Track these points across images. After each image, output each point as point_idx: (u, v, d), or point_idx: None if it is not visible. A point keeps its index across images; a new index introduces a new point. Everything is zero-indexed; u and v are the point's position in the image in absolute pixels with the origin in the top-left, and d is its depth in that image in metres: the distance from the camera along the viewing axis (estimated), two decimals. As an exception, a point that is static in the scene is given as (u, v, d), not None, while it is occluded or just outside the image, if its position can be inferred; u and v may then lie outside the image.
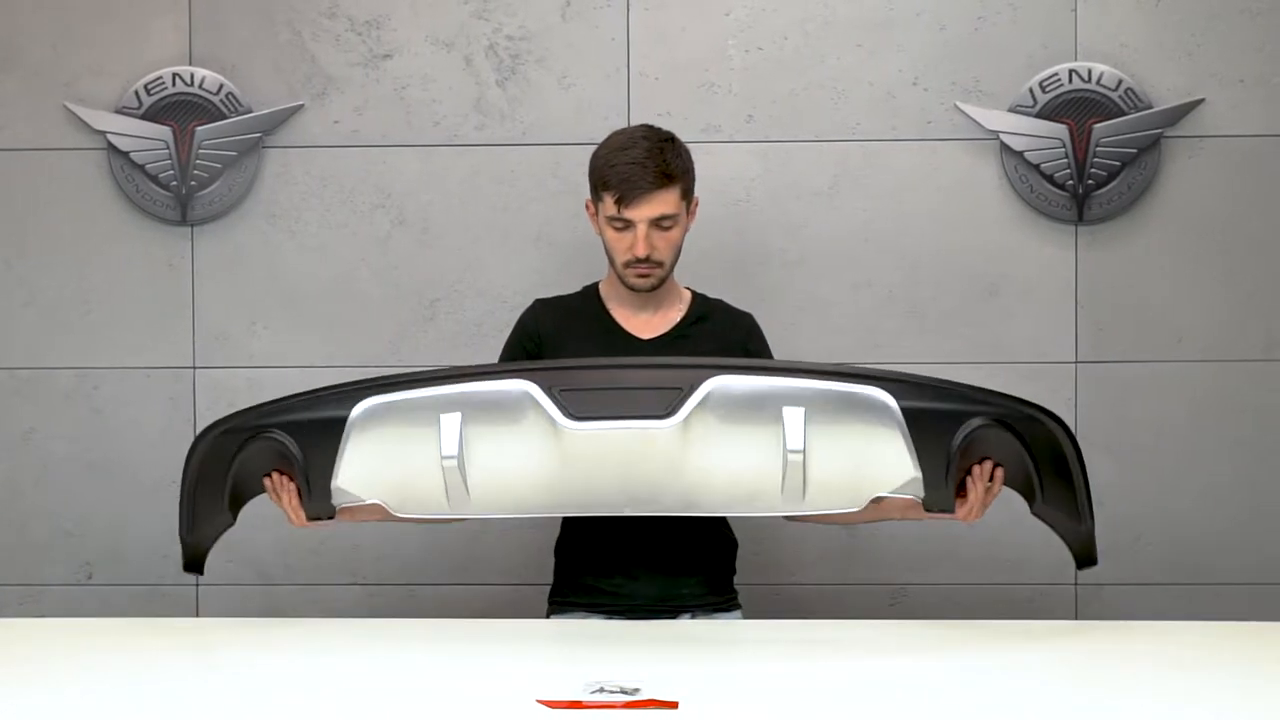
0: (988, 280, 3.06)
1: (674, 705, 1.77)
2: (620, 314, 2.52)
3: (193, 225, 3.10)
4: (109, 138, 3.08)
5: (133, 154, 3.08)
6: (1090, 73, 3.02)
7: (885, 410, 2.12)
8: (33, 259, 3.12)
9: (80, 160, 3.11)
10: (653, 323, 2.52)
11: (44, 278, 3.12)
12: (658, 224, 2.41)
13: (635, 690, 1.83)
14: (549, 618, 2.55)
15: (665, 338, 2.51)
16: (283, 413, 2.24)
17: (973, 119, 3.04)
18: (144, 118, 3.08)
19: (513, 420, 2.13)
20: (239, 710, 1.84)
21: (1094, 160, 3.02)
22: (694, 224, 2.53)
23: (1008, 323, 3.06)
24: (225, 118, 3.08)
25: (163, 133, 3.08)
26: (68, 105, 3.09)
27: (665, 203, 2.40)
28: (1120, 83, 3.02)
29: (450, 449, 2.13)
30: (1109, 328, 3.05)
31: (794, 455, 2.10)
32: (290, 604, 3.07)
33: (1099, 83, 3.02)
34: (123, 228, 3.11)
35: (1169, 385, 3.05)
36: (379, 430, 2.17)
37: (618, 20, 3.07)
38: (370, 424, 2.17)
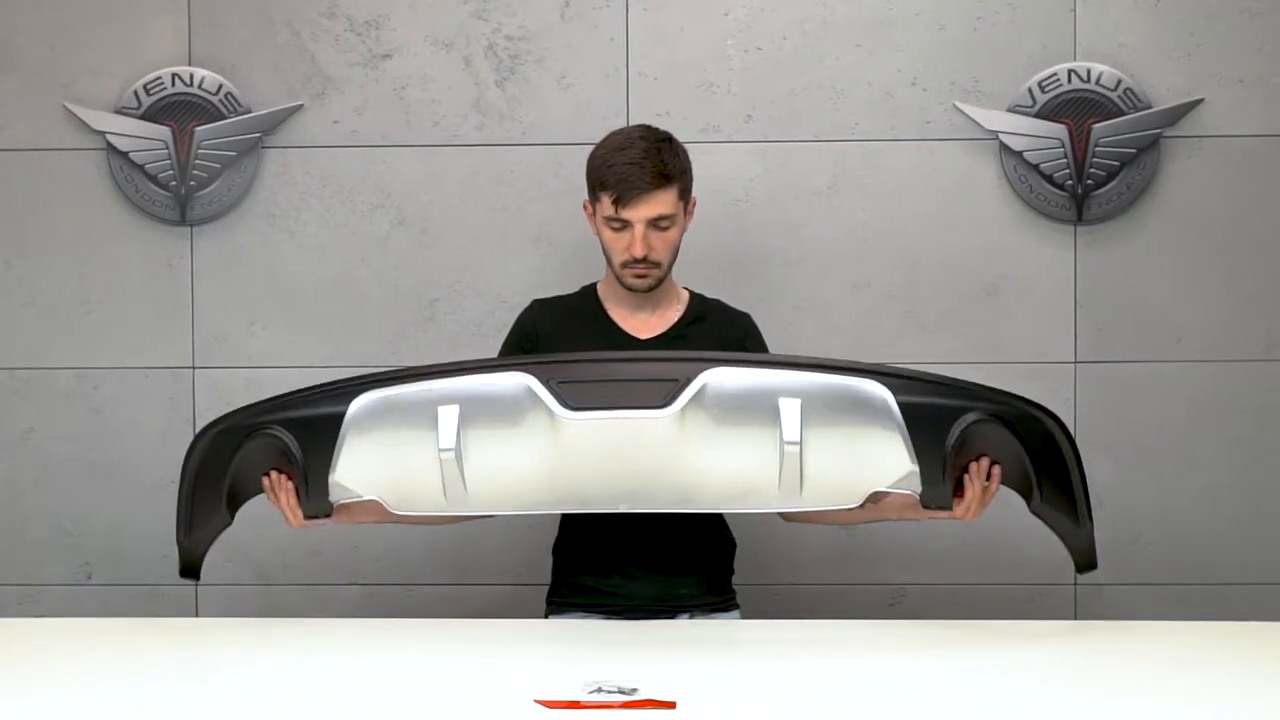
0: (987, 280, 3.06)
1: (672, 705, 1.77)
2: (618, 314, 2.52)
3: (192, 225, 3.10)
4: (108, 138, 3.08)
5: (132, 154, 3.08)
6: (1089, 73, 3.02)
7: (882, 403, 2.12)
8: (32, 259, 3.12)
9: (79, 160, 3.11)
10: (650, 323, 2.52)
11: (43, 278, 3.12)
12: (655, 224, 2.40)
13: (633, 690, 1.83)
14: (547, 618, 2.55)
15: (663, 338, 2.50)
16: (281, 410, 2.24)
17: (972, 119, 3.04)
18: (143, 118, 3.08)
19: (510, 411, 2.14)
20: (238, 710, 1.84)
21: (1093, 160, 3.02)
22: (693, 224, 2.53)
23: (1007, 323, 3.06)
24: (224, 118, 3.08)
25: (162, 133, 3.08)
26: (67, 105, 3.09)
27: (663, 203, 2.39)
28: (1119, 83, 3.01)
29: (448, 441, 2.13)
30: (1108, 328, 3.05)
31: (790, 447, 2.10)
32: (289, 604, 3.07)
33: (1098, 83, 3.02)
34: (122, 228, 3.11)
35: (1168, 385, 3.05)
36: (377, 424, 2.17)
37: (617, 20, 3.07)
38: (368, 418, 2.17)
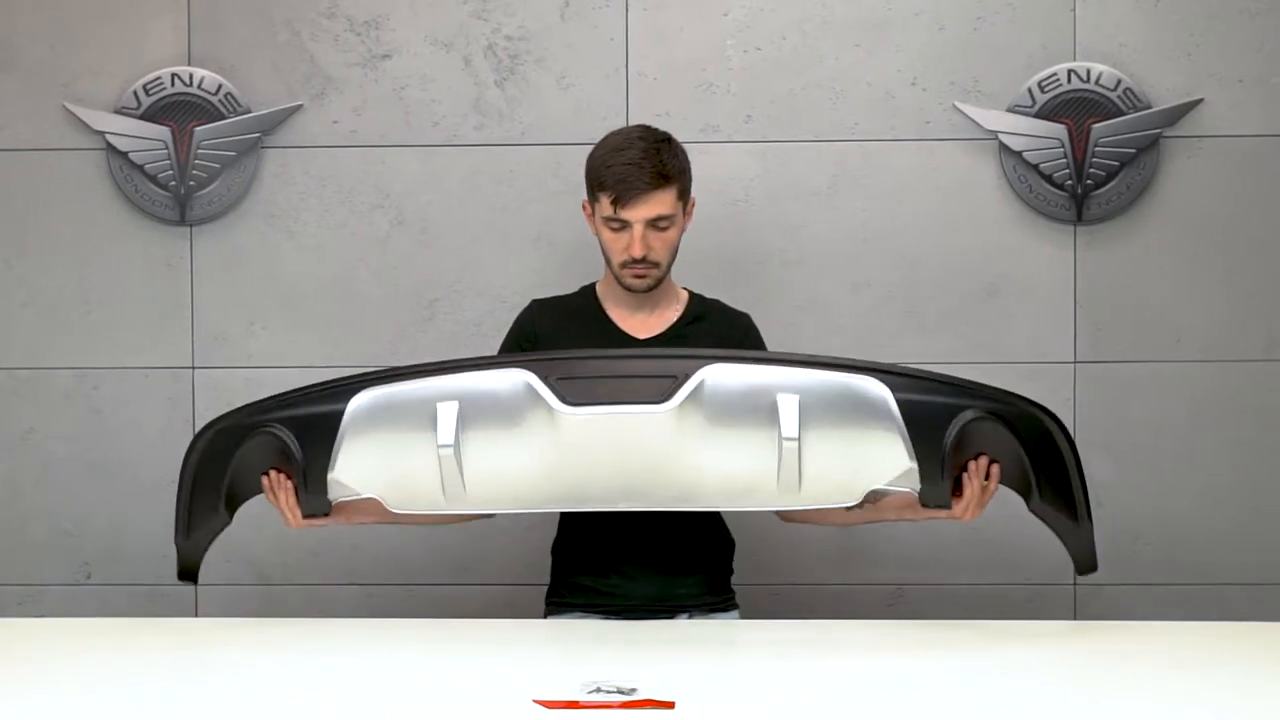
0: (986, 280, 3.06)
1: (670, 705, 1.77)
2: (617, 314, 2.52)
3: (191, 225, 3.10)
4: (108, 138, 3.08)
5: (131, 154, 3.08)
6: (1089, 73, 3.02)
7: (880, 400, 2.12)
8: (32, 259, 3.12)
9: (79, 160, 3.11)
10: (649, 323, 2.51)
11: (43, 278, 3.12)
12: (654, 224, 2.40)
13: (632, 690, 1.83)
14: (546, 618, 2.55)
15: (662, 337, 2.50)
16: (280, 408, 2.24)
17: (971, 119, 3.04)
18: (143, 118, 3.08)
19: (509, 407, 2.14)
20: (238, 710, 1.84)
21: (1093, 160, 3.02)
22: (692, 224, 2.53)
23: (1006, 323, 3.06)
24: (224, 118, 3.08)
25: (161, 133, 3.08)
26: (67, 105, 3.09)
27: (661, 203, 2.39)
28: (1119, 83, 3.01)
29: (447, 437, 2.13)
30: (1108, 328, 3.05)
31: (789, 443, 2.10)
32: (289, 604, 3.07)
33: (1098, 83, 3.01)
34: (122, 228, 3.11)
35: (1168, 385, 3.05)
36: (376, 421, 2.18)
37: (616, 20, 3.07)
38: (367, 415, 2.18)
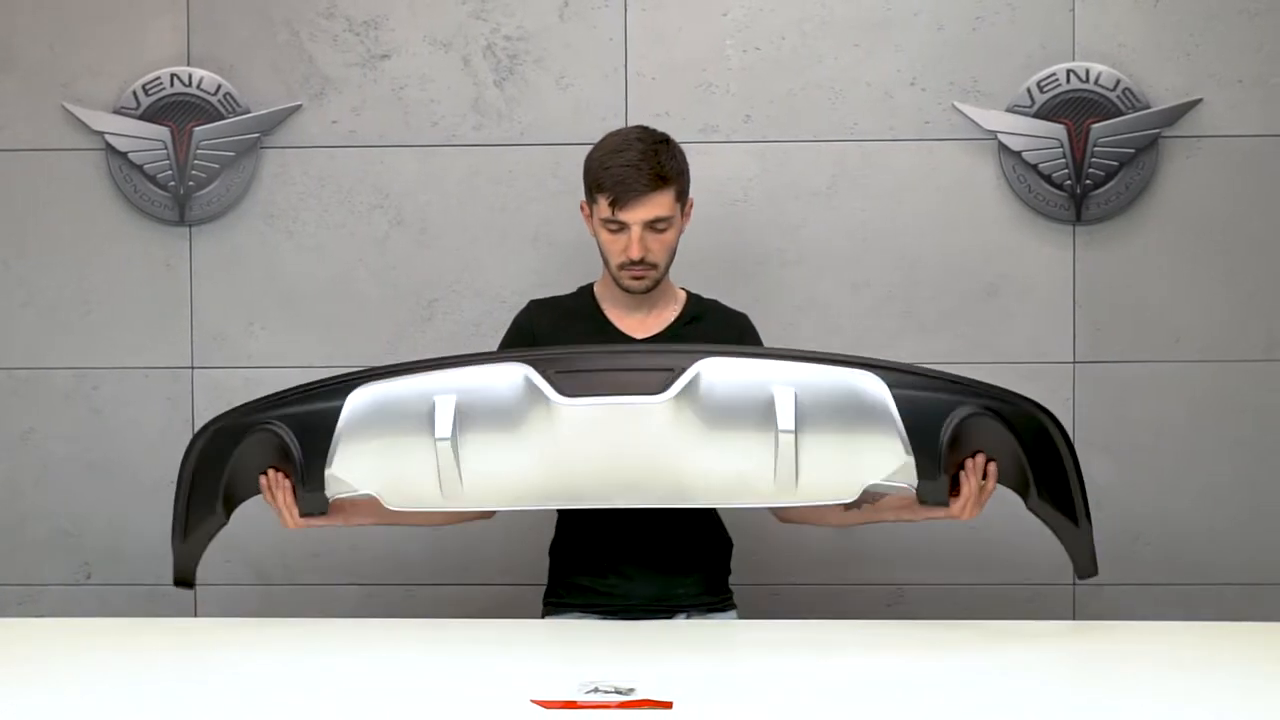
0: (986, 280, 3.06)
1: (668, 705, 1.77)
2: (615, 314, 2.52)
3: (191, 225, 3.10)
4: (107, 138, 3.08)
5: (131, 154, 3.08)
6: (1088, 73, 3.02)
7: (876, 395, 2.13)
8: (31, 259, 3.12)
9: (78, 161, 3.11)
10: (647, 323, 2.51)
11: (43, 278, 3.12)
12: (652, 226, 2.40)
13: (630, 690, 1.83)
14: (544, 619, 2.55)
15: (659, 337, 2.50)
16: (278, 405, 2.25)
17: (971, 119, 3.04)
18: (142, 118, 3.08)
19: (507, 400, 2.15)
20: (238, 710, 1.84)
21: (1092, 160, 3.02)
22: (691, 224, 2.53)
23: (1006, 323, 3.05)
24: (223, 118, 3.08)
25: (161, 133, 3.08)
26: (66, 106, 3.09)
27: (659, 205, 2.39)
28: (1118, 83, 3.01)
29: (444, 430, 2.14)
30: (1107, 328, 3.05)
31: (785, 436, 2.11)
32: (288, 604, 3.07)
33: (1097, 83, 3.01)
34: (121, 228, 3.11)
35: (1167, 385, 3.05)
36: (373, 417, 2.19)
37: (615, 20, 3.07)
38: (365, 411, 2.19)
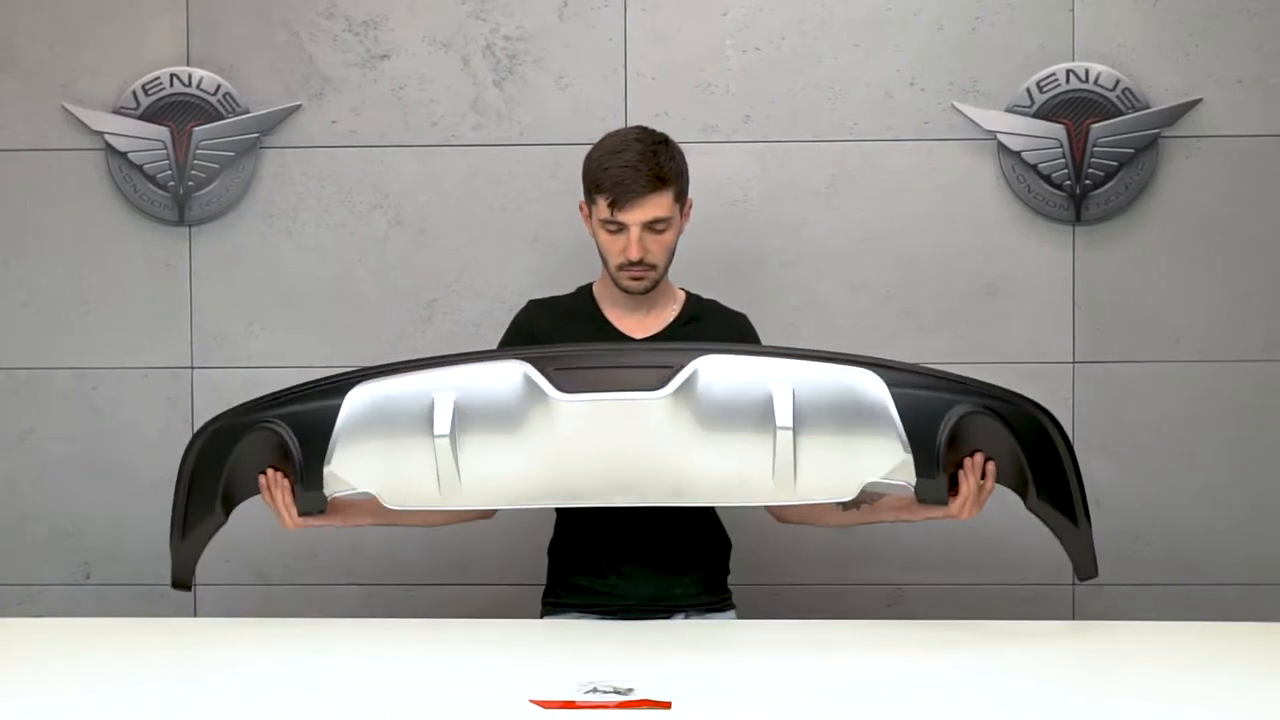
0: (985, 280, 3.06)
1: (667, 705, 1.77)
2: (614, 314, 2.52)
3: (190, 225, 3.10)
4: (107, 138, 3.08)
5: (130, 154, 3.08)
6: (1088, 73, 3.02)
7: (875, 391, 2.14)
8: (31, 259, 3.12)
9: (78, 161, 3.11)
10: (646, 323, 2.51)
11: (42, 278, 3.12)
12: (650, 227, 2.40)
13: (629, 690, 1.83)
14: (543, 619, 2.55)
15: (659, 338, 2.49)
16: (277, 403, 2.26)
17: (970, 119, 3.04)
18: (142, 118, 3.08)
19: (505, 396, 2.16)
20: (237, 710, 1.84)
21: (1091, 160, 3.02)
22: (691, 224, 2.53)
23: (1005, 323, 3.05)
24: (223, 118, 3.08)
25: (160, 133, 3.08)
26: (65, 106, 3.09)
27: (658, 206, 2.39)
28: (1118, 83, 3.01)
29: (443, 427, 2.15)
30: (1106, 328, 3.05)
31: (783, 432, 2.11)
32: (288, 604, 3.07)
33: (1096, 83, 3.01)
34: (120, 228, 3.11)
35: (1167, 385, 3.05)
36: (372, 413, 2.20)
37: (615, 20, 3.07)
38: (363, 408, 2.20)
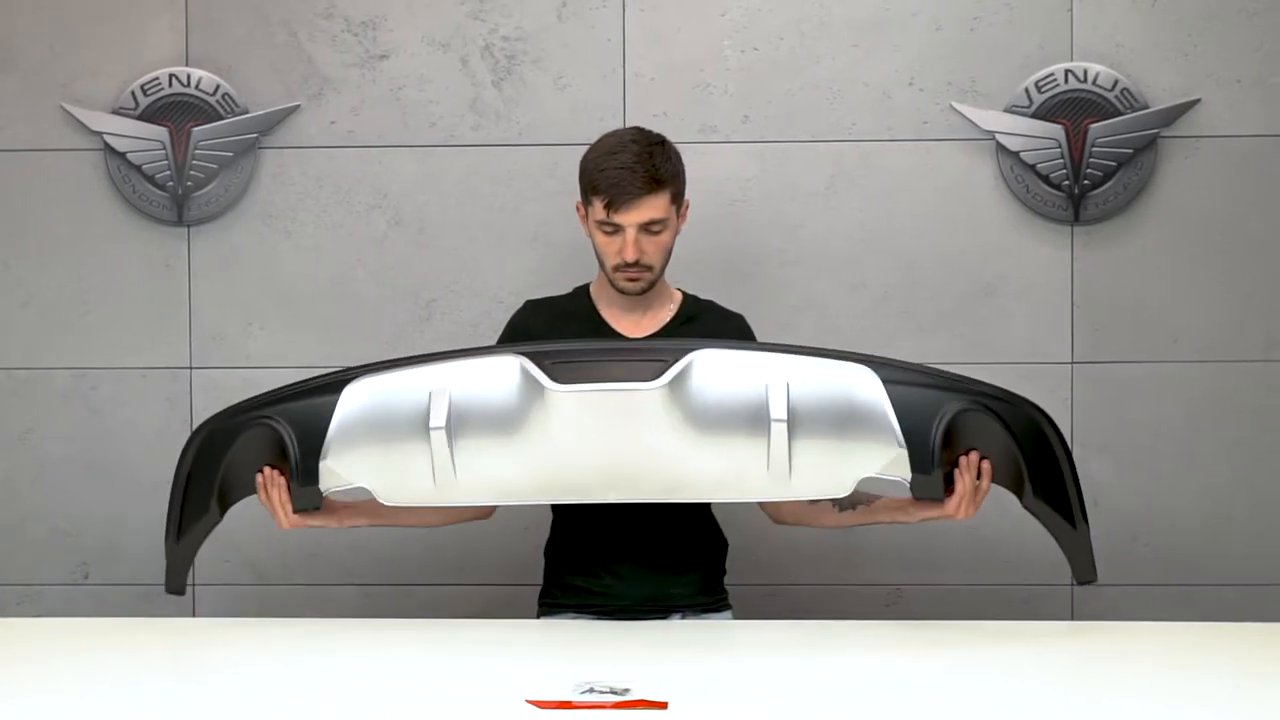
0: (984, 281, 3.06)
1: (664, 705, 1.77)
2: (610, 314, 2.51)
3: (189, 226, 3.11)
4: (105, 138, 3.09)
5: (129, 154, 3.08)
6: (1086, 73, 3.02)
7: (869, 386, 2.15)
8: (30, 259, 3.12)
9: (77, 161, 3.11)
10: (643, 323, 2.51)
11: (41, 278, 3.12)
12: (647, 228, 2.39)
13: (625, 690, 1.83)
14: (539, 619, 2.55)
15: (655, 338, 2.48)
16: (276, 401, 2.27)
17: (969, 119, 3.04)
18: (140, 118, 3.08)
19: (502, 389, 2.16)
20: (235, 710, 1.85)
21: (1090, 160, 3.01)
22: (689, 224, 2.53)
23: (1004, 323, 3.05)
24: (221, 118, 3.08)
25: (159, 133, 3.08)
26: (64, 106, 3.10)
27: (654, 207, 2.38)
28: (1116, 83, 3.01)
29: (439, 419, 2.15)
30: (1105, 328, 3.05)
31: (778, 425, 2.11)
32: (286, 605, 3.07)
33: (1095, 83, 3.01)
34: (119, 228, 3.11)
35: (1166, 386, 3.04)
36: (369, 407, 2.21)
37: (613, 21, 3.07)
38: (360, 402, 2.21)
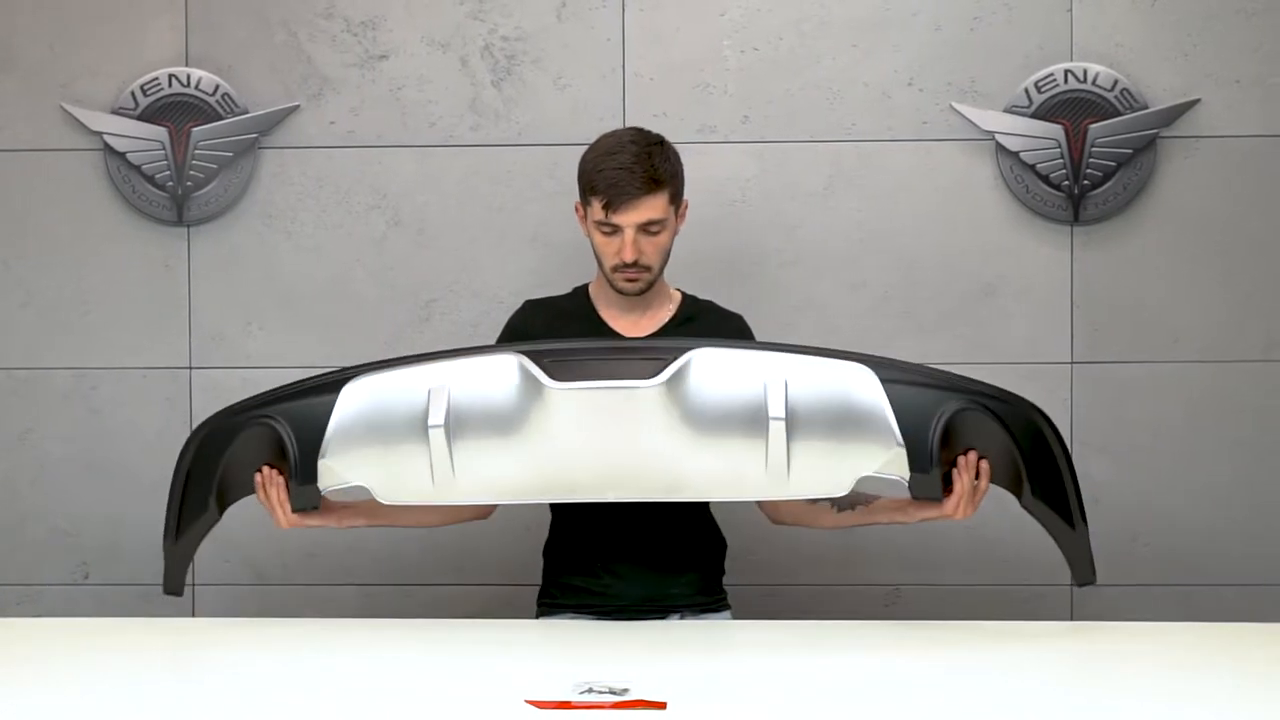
0: (983, 281, 3.06)
1: (662, 706, 1.77)
2: (609, 315, 2.51)
3: (189, 226, 3.11)
4: (105, 138, 3.09)
5: (129, 155, 3.08)
6: (1086, 73, 3.02)
7: (867, 384, 2.15)
8: (30, 260, 3.12)
9: (77, 161, 3.11)
10: (641, 324, 2.51)
11: (41, 278, 3.12)
12: (645, 229, 2.39)
13: (624, 690, 1.83)
14: (538, 619, 2.55)
15: (654, 338, 2.48)
16: (276, 400, 2.27)
17: (968, 119, 3.04)
18: (140, 118, 3.08)
19: (501, 387, 2.17)
20: (235, 710, 1.85)
21: (1089, 161, 3.01)
22: (689, 224, 2.53)
23: (1003, 323, 3.05)
24: (221, 118, 3.08)
25: (159, 133, 3.08)
26: (64, 106, 3.10)
27: (653, 208, 2.38)
28: (1116, 83, 3.01)
29: (438, 417, 2.16)
30: (1105, 328, 3.05)
31: (776, 423, 2.12)
32: (286, 605, 3.07)
33: (1094, 83, 3.01)
34: (119, 228, 3.11)
35: (1165, 386, 3.04)
36: (368, 405, 2.21)
37: (613, 21, 3.07)
38: (359, 400, 2.22)
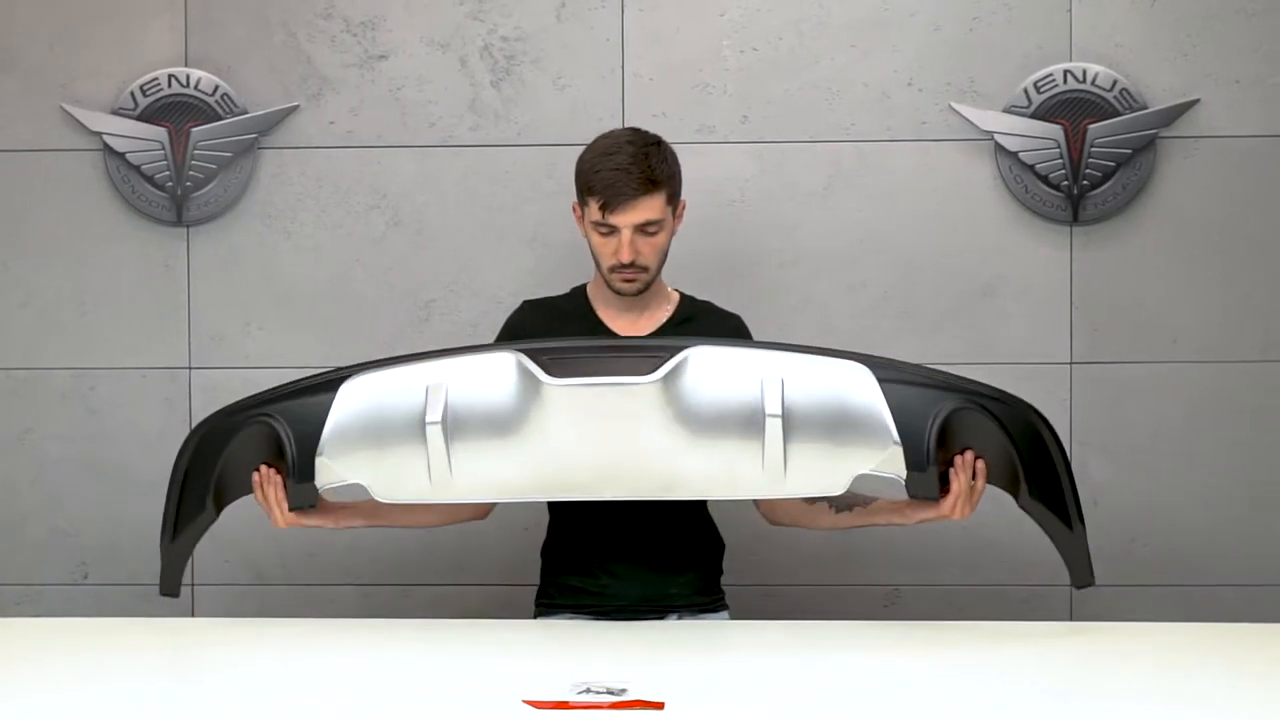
0: (982, 281, 3.06)
1: (660, 706, 1.78)
2: (607, 315, 2.51)
3: (188, 226, 3.11)
4: (105, 139, 3.09)
5: (128, 155, 3.08)
6: (1085, 73, 3.02)
7: (864, 383, 2.15)
8: (29, 260, 3.12)
9: (76, 161, 3.11)
10: (639, 324, 2.51)
11: (40, 278, 3.13)
12: (642, 229, 2.39)
13: (622, 690, 1.83)
14: (536, 619, 2.55)
15: (651, 338, 2.49)
16: (274, 400, 2.28)
17: (967, 119, 3.04)
18: (140, 119, 3.08)
19: (498, 385, 2.18)
20: (234, 710, 1.85)
21: (1089, 161, 3.01)
22: (688, 225, 2.53)
23: (1002, 323, 3.05)
24: (221, 119, 3.08)
25: (158, 134, 3.08)
26: (64, 106, 3.10)
27: (650, 209, 2.38)
28: (1115, 83, 3.01)
29: (435, 414, 2.16)
30: (1104, 328, 3.05)
31: (773, 420, 2.12)
32: (285, 604, 3.07)
33: (1094, 83, 3.01)
34: (118, 228, 3.12)
35: (1165, 386, 3.04)
36: (366, 403, 2.22)
37: (612, 21, 3.07)
38: (357, 398, 2.22)
